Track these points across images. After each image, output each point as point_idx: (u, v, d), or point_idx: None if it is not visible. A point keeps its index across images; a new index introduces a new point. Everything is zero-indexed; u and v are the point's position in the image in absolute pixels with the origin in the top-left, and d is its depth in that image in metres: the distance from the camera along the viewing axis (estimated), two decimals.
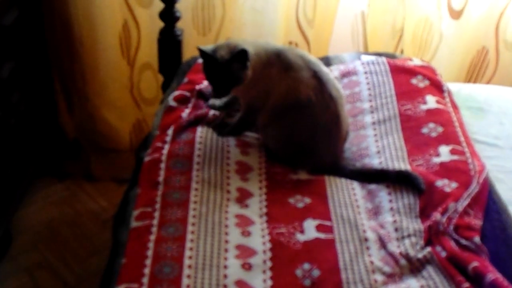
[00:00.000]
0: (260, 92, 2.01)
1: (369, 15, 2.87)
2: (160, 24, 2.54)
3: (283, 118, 2.00)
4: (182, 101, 2.21)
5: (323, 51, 2.92)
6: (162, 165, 1.92)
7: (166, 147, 1.99)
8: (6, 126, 2.40)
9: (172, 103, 2.20)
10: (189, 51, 2.59)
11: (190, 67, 2.41)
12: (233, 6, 2.77)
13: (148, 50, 2.86)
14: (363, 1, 2.88)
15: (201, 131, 2.05)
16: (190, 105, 2.19)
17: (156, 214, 1.75)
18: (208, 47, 1.94)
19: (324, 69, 2.06)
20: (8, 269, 2.51)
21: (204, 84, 2.25)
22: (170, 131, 2.05)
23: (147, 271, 1.58)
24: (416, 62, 2.44)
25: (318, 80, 2.00)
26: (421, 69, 2.37)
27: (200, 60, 2.33)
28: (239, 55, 1.88)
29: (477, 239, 1.74)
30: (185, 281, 1.56)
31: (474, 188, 1.89)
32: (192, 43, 2.71)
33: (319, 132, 2.00)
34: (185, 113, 2.14)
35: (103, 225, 2.76)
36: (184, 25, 2.63)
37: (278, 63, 1.99)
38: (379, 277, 1.65)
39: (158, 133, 2.08)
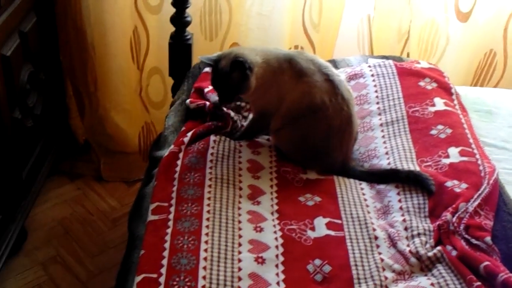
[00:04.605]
0: (273, 98, 2.02)
1: (375, 19, 2.88)
2: (168, 29, 2.57)
3: (297, 122, 2.02)
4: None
5: (328, 55, 2.93)
6: (179, 162, 1.95)
7: (185, 143, 2.02)
8: (23, 128, 2.44)
9: (191, 105, 2.23)
10: (196, 56, 2.59)
11: (200, 70, 2.44)
12: (239, 11, 2.80)
13: (156, 55, 2.90)
14: (369, 4, 2.89)
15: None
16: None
17: (172, 209, 1.78)
18: (212, 55, 1.98)
19: (334, 71, 2.08)
20: (24, 263, 2.58)
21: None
22: (190, 132, 2.07)
23: (164, 262, 1.61)
24: (423, 64, 2.45)
25: (331, 83, 2.02)
26: (428, 72, 2.38)
27: (206, 69, 2.39)
28: (237, 66, 1.91)
29: (488, 239, 1.75)
30: (201, 272, 1.59)
31: (484, 189, 1.89)
32: (199, 48, 2.73)
33: (332, 134, 2.02)
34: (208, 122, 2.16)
35: (113, 223, 2.81)
36: (192, 31, 2.65)
37: (290, 70, 2.00)
38: (389, 275, 1.67)
39: (184, 129, 2.11)
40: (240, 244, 1.71)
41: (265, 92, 2.00)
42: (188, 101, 2.25)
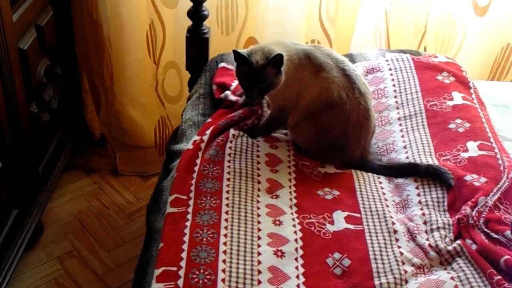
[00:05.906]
0: (292, 94, 2.01)
1: (392, 13, 2.86)
2: (184, 23, 2.56)
3: (315, 117, 2.02)
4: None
5: (345, 49, 2.92)
6: (200, 154, 1.95)
7: (206, 137, 2.02)
8: (40, 121, 2.45)
9: (231, 97, 2.22)
10: (212, 50, 2.60)
11: (217, 64, 2.44)
12: (256, 5, 2.79)
13: (172, 49, 2.89)
14: None
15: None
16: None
17: (191, 202, 1.78)
18: (243, 51, 1.95)
19: (351, 65, 2.08)
20: (41, 256, 2.60)
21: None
22: (210, 128, 2.06)
23: (184, 255, 1.61)
24: (441, 58, 2.44)
25: (348, 78, 2.02)
26: (446, 66, 2.37)
27: (222, 64, 2.37)
28: (274, 60, 1.89)
29: (508, 233, 1.74)
30: (221, 265, 1.59)
31: (503, 182, 1.88)
32: (216, 43, 2.73)
33: (350, 129, 2.02)
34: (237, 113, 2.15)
35: (129, 217, 2.82)
36: (208, 25, 2.62)
37: (309, 65, 2.00)
38: (409, 268, 1.67)
39: (210, 120, 2.11)
40: (259, 238, 1.71)
41: (285, 88, 1.98)
42: (224, 95, 2.24)
